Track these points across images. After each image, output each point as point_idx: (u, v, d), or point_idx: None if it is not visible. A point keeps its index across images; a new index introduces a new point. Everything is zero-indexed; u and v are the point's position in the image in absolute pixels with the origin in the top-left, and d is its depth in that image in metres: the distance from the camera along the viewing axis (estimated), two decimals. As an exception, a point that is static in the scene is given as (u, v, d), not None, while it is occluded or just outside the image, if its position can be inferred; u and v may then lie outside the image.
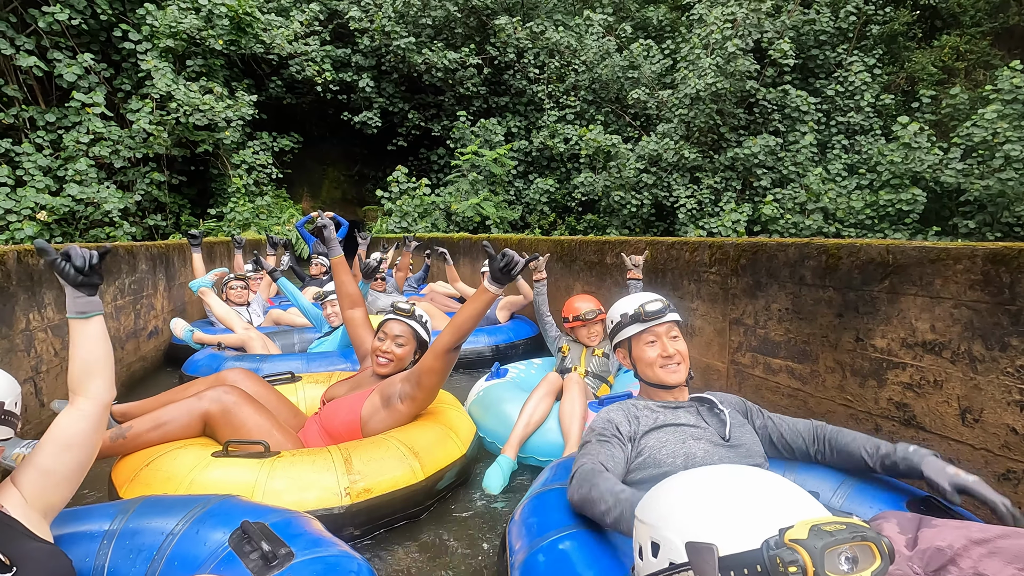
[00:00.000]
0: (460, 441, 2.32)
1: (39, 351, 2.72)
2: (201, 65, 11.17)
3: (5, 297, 2.48)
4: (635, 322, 1.67)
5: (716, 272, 2.72)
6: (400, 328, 2.39)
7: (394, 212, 12.45)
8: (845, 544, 0.53)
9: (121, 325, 3.73)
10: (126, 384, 3.76)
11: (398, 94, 14.74)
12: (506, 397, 2.81)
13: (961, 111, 11.12)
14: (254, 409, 2.15)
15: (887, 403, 1.97)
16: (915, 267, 1.85)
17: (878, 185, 10.48)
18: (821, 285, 2.19)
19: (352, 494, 1.90)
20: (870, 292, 2.00)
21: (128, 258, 3.90)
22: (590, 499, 1.30)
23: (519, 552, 1.40)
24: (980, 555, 1.12)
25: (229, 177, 11.74)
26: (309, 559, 1.27)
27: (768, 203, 10.49)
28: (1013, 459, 1.62)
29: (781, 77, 11.84)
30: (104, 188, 9.74)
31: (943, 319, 1.78)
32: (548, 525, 1.41)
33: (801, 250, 2.26)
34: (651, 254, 3.16)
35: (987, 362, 1.67)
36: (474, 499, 2.30)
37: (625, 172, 11.48)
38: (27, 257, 2.68)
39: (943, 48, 12.36)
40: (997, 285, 1.63)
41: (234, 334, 3.82)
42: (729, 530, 0.59)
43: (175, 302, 4.97)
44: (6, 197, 8.90)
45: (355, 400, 2.30)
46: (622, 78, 12.94)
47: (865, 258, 2.01)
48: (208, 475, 1.86)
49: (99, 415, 1.34)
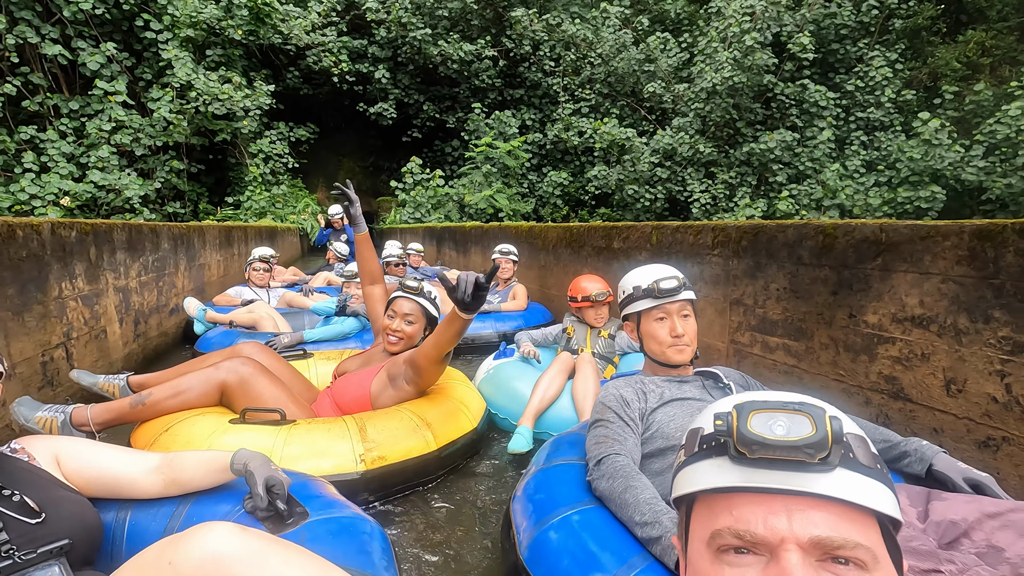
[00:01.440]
0: (471, 415, 2.39)
1: (70, 318, 2.89)
2: (220, 55, 11.41)
3: (40, 265, 2.65)
4: (647, 297, 1.62)
5: (718, 254, 2.81)
6: (409, 306, 2.41)
7: (408, 203, 12.62)
8: (777, 411, 0.54)
9: (144, 300, 3.91)
10: (149, 357, 3.94)
11: (413, 85, 14.90)
12: (516, 375, 2.86)
13: (985, 108, 10.98)
14: (270, 381, 2.20)
15: (877, 377, 2.05)
16: (906, 244, 1.93)
17: (897, 182, 10.40)
18: (817, 264, 2.27)
19: (367, 461, 1.95)
20: (864, 270, 2.08)
21: (152, 236, 4.07)
22: (623, 501, 1.26)
23: (527, 530, 1.38)
24: (993, 528, 1.15)
25: (246, 166, 11.99)
26: (323, 519, 1.30)
27: (783, 199, 10.47)
28: (993, 427, 1.70)
29: (800, 71, 11.78)
30: (125, 175, 10.01)
31: (931, 294, 1.86)
32: (557, 502, 1.40)
33: (799, 231, 2.35)
34: (657, 238, 3.25)
35: (971, 334, 1.75)
36: (484, 471, 2.35)
37: (639, 166, 11.52)
38: (60, 229, 2.85)
39: (968, 43, 12.21)
40: (982, 260, 1.71)
41: (243, 313, 3.94)
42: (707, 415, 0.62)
43: (195, 281, 5.16)
44: (31, 183, 9.19)
45: (365, 376, 2.35)
46: (638, 71, 12.96)
47: (859, 237, 2.10)
48: (225, 440, 1.90)
49: (157, 489, 1.35)
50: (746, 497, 0.54)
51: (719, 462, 0.57)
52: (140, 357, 3.81)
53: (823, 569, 0.51)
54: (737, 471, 0.55)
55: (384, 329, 2.42)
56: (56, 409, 2.00)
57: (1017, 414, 1.64)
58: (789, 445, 0.52)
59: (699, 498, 0.59)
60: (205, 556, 0.91)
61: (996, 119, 9.77)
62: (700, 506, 0.59)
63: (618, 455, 1.37)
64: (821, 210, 10.50)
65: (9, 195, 8.99)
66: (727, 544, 0.54)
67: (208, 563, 0.91)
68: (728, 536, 0.54)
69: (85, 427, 2.00)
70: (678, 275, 1.64)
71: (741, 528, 0.53)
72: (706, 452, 0.58)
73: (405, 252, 5.65)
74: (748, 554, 0.53)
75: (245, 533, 0.97)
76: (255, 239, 8.28)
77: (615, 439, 1.43)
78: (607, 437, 1.44)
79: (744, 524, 0.53)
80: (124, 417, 2.05)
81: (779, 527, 0.51)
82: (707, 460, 0.58)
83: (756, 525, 0.52)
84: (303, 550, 1.03)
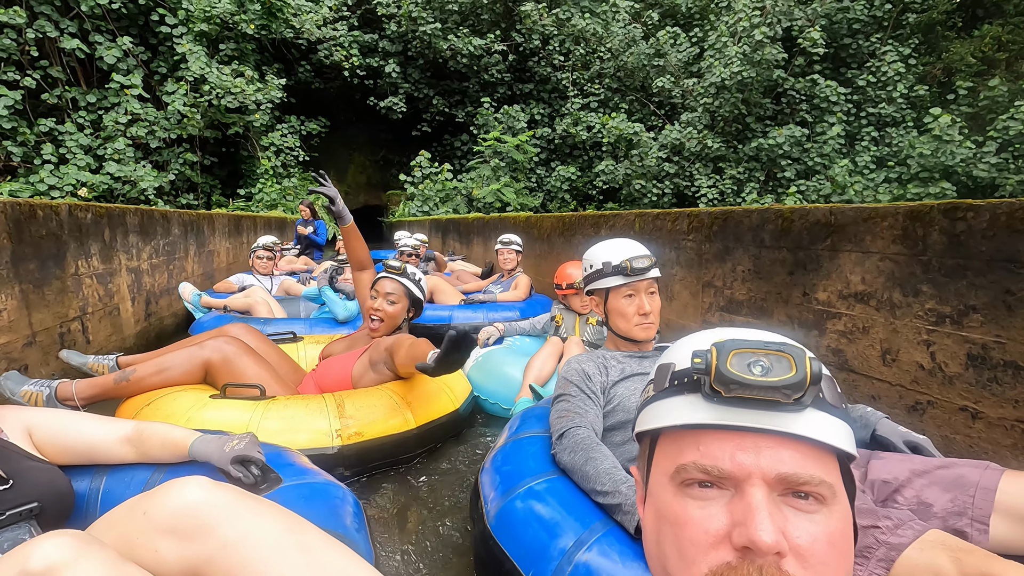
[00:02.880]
0: (454, 397, 2.44)
1: (86, 295, 3.14)
2: (233, 49, 11.73)
3: (59, 244, 2.90)
4: (619, 274, 1.64)
5: (692, 239, 2.98)
6: (392, 286, 2.43)
7: (416, 197, 12.86)
8: (758, 352, 0.54)
9: (155, 282, 4.16)
10: (159, 336, 4.20)
11: (423, 80, 15.13)
12: (507, 361, 2.92)
13: (1000, 103, 10.92)
14: (253, 360, 2.24)
15: (826, 350, 2.22)
16: (852, 226, 2.10)
17: (907, 178, 10.42)
18: (777, 246, 2.44)
19: (343, 436, 2.00)
20: (816, 250, 2.25)
21: (163, 222, 4.33)
22: (584, 472, 1.32)
23: (494, 500, 1.43)
24: (922, 485, 1.24)
25: (258, 159, 12.30)
26: (296, 484, 1.36)
27: (791, 194, 10.53)
28: (920, 392, 1.87)
29: (811, 66, 11.80)
30: (140, 167, 10.35)
31: (871, 271, 2.02)
32: (523, 473, 1.45)
33: (762, 215, 2.51)
34: (639, 224, 3.43)
35: (903, 308, 1.91)
36: (464, 452, 2.40)
37: (647, 161, 11.64)
38: (76, 211, 3.09)
39: (984, 38, 12.14)
40: (913, 239, 1.88)
41: (239, 298, 4.03)
42: (689, 352, 0.61)
43: (204, 267, 5.43)
44: (50, 174, 9.56)
45: (347, 359, 2.40)
46: (648, 66, 13.07)
47: (812, 220, 2.26)
48: (205, 415, 1.95)
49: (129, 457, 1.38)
50: (715, 434, 0.55)
51: (691, 399, 0.56)
52: (151, 335, 4.07)
53: (784, 503, 0.52)
54: (709, 409, 0.55)
55: (367, 309, 2.45)
56: (42, 384, 2.05)
57: (940, 379, 1.81)
58: (768, 386, 0.52)
59: (665, 432, 0.60)
60: (178, 506, 0.95)
61: (1010, 115, 9.74)
62: (665, 440, 0.60)
63: (579, 427, 1.42)
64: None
65: (29, 186, 9.36)
66: (692, 478, 0.55)
67: (181, 512, 0.94)
68: (694, 471, 0.54)
69: (70, 401, 2.05)
70: (649, 253, 1.67)
71: (708, 463, 0.54)
72: (677, 388, 0.58)
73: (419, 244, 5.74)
74: (712, 488, 0.54)
75: (218, 486, 1.00)
76: (264, 228, 8.56)
77: (576, 412, 1.47)
78: (568, 411, 1.48)
79: (712, 460, 0.54)
80: (108, 392, 2.10)
81: (747, 463, 0.52)
82: (678, 396, 0.58)
83: (724, 461, 0.53)
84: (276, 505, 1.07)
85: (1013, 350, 1.61)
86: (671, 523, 0.56)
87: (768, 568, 0.49)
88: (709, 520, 0.53)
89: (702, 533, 0.53)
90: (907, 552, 1.01)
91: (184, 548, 0.93)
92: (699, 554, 0.53)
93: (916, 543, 1.02)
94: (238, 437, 1.35)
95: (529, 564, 1.23)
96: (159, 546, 0.93)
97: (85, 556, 0.78)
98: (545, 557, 1.20)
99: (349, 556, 1.01)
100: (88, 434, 1.36)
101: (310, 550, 0.98)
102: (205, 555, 0.93)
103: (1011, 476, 1.15)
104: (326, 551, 0.99)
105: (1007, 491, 1.13)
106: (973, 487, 1.17)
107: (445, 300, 4.51)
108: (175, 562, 0.93)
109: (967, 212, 1.72)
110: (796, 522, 0.51)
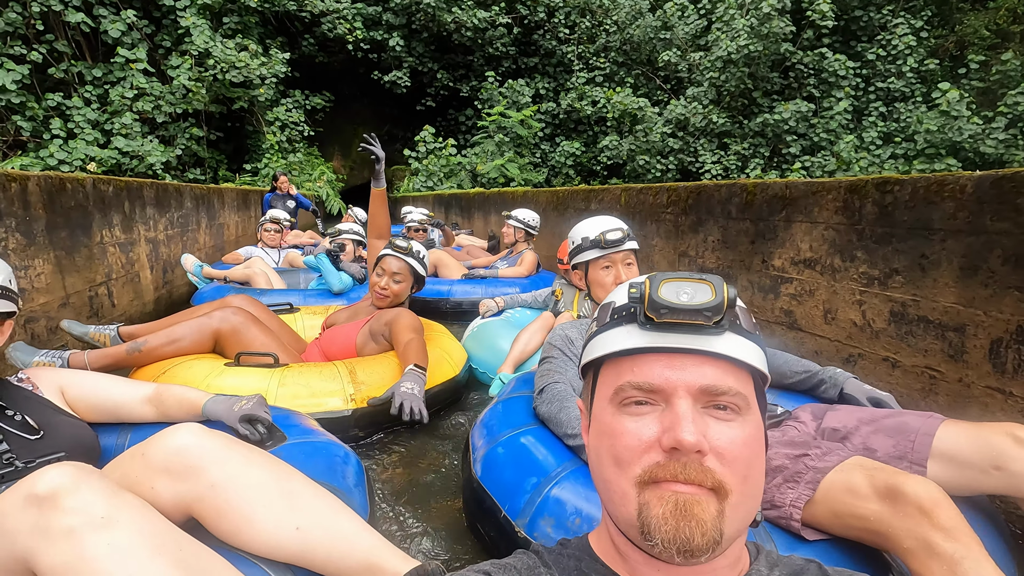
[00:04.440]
0: (453, 363, 2.61)
1: (110, 262, 3.46)
2: (237, 22, 11.89)
3: (85, 214, 3.20)
4: (595, 247, 1.77)
5: (671, 212, 3.24)
6: (398, 265, 2.51)
7: (421, 172, 13.08)
8: (683, 281, 0.64)
9: (171, 252, 4.49)
10: (175, 303, 4.53)
11: (428, 53, 15.21)
12: (500, 333, 3.05)
13: (1012, 78, 10.89)
14: (260, 330, 2.35)
15: (779, 312, 2.50)
16: (803, 199, 2.36)
17: (913, 154, 10.49)
18: (742, 218, 2.70)
19: (356, 400, 2.13)
20: (773, 221, 2.51)
21: (176, 195, 4.63)
22: (558, 419, 1.48)
23: (481, 448, 1.60)
24: (868, 432, 1.36)
25: (263, 134, 12.54)
26: (300, 442, 1.48)
27: (796, 170, 10.66)
28: (853, 346, 2.15)
29: (819, 40, 11.79)
30: (148, 142, 10.63)
31: (817, 240, 2.29)
32: (508, 425, 1.61)
33: (730, 189, 2.77)
34: (625, 199, 3.68)
35: (842, 271, 2.18)
36: (463, 415, 2.58)
37: (651, 136, 11.77)
38: (100, 184, 3.39)
39: (999, 9, 12.05)
40: (852, 210, 2.14)
41: (239, 269, 4.22)
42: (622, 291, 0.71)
43: (215, 239, 5.75)
44: (59, 148, 9.85)
45: (351, 329, 2.52)
46: (654, 39, 13.09)
47: (772, 193, 2.52)
48: (221, 381, 2.04)
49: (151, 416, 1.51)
50: (648, 356, 0.63)
51: (628, 329, 0.65)
52: (167, 302, 4.40)
53: (706, 413, 0.61)
54: (644, 335, 0.63)
55: (372, 285, 2.56)
56: (53, 355, 2.12)
57: (869, 335, 2.09)
58: (692, 308, 0.61)
59: (606, 362, 0.68)
60: (171, 448, 1.08)
61: (1020, 90, 9.76)
62: (607, 369, 0.68)
63: (557, 383, 1.58)
64: (833, 182, 10.65)
65: (39, 160, 9.67)
66: (629, 397, 0.63)
67: (173, 454, 1.07)
68: (630, 389, 0.63)
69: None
70: (623, 227, 1.80)
71: (641, 380, 0.62)
72: (616, 321, 0.67)
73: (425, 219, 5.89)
74: (646, 404, 0.62)
75: (210, 433, 1.12)
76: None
77: (557, 371, 1.63)
78: (550, 370, 1.64)
79: (644, 377, 0.62)
80: (121, 362, 2.19)
81: (674, 378, 0.61)
82: (617, 328, 0.67)
83: (655, 377, 0.62)
84: (267, 455, 1.17)
85: (925, 307, 1.89)
86: (609, 436, 0.64)
87: (691, 464, 0.58)
88: (642, 429, 0.61)
89: (636, 440, 0.61)
90: (830, 474, 1.13)
91: (177, 486, 1.06)
92: (633, 458, 0.61)
93: (839, 466, 1.14)
94: (246, 398, 1.48)
95: (505, 499, 1.40)
96: (155, 484, 1.06)
97: (85, 482, 0.87)
98: (519, 491, 1.37)
99: (333, 504, 1.13)
100: (115, 394, 1.50)
101: (294, 496, 1.10)
102: (196, 494, 1.06)
103: (949, 424, 1.27)
104: (310, 498, 1.11)
105: (943, 438, 1.25)
106: (914, 433, 1.28)
107: (449, 275, 4.64)
108: (170, 499, 1.06)
109: (894, 186, 1.98)
110: (716, 428, 0.61)
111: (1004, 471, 1.14)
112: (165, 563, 0.84)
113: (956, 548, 0.92)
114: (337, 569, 1.08)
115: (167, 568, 0.84)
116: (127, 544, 0.83)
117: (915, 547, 0.96)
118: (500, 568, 0.69)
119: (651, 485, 0.59)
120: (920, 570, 0.95)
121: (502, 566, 0.70)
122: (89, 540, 0.82)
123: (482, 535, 1.50)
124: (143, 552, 0.84)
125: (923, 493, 0.97)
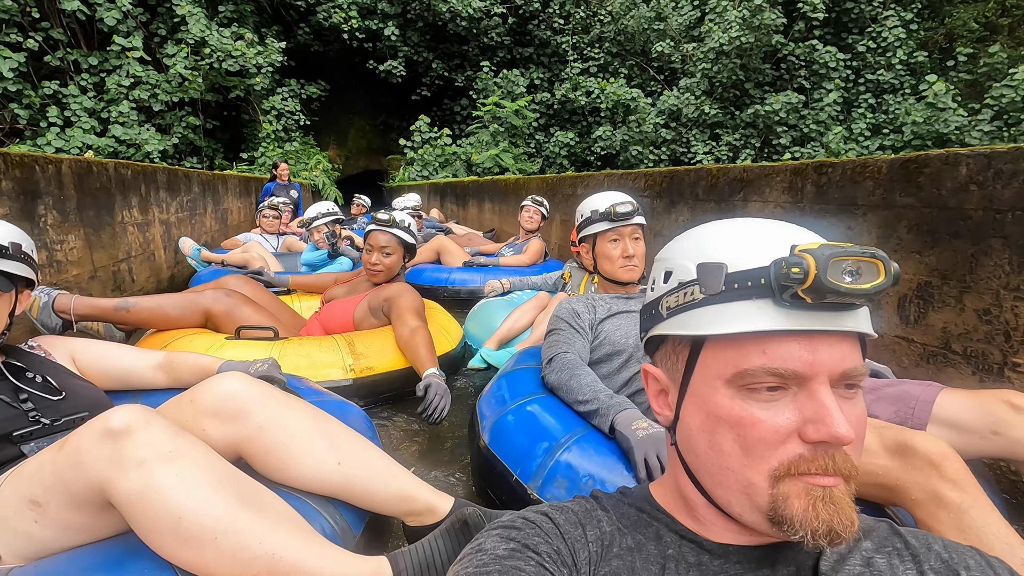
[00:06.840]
0: (451, 338, 2.72)
1: (130, 240, 3.79)
2: (232, 11, 12.15)
3: (108, 195, 3.54)
4: (604, 220, 1.80)
5: (647, 195, 3.60)
6: (385, 239, 2.55)
7: (416, 161, 13.40)
8: (852, 258, 0.54)
9: (182, 233, 4.82)
10: (186, 282, 4.86)
11: (423, 43, 15.48)
12: (498, 312, 3.11)
13: (999, 71, 11.24)
14: (254, 309, 2.40)
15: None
16: (757, 181, 2.72)
17: (900, 146, 10.87)
18: (707, 200, 3.06)
19: (356, 370, 2.23)
20: (733, 202, 2.87)
21: (185, 180, 4.96)
22: (568, 387, 1.50)
23: (489, 417, 1.63)
24: (870, 400, 1.37)
25: (259, 123, 12.82)
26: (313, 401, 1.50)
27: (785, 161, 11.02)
28: (795, 308, 2.52)
29: (810, 32, 12.14)
30: (144, 130, 10.89)
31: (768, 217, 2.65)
32: (516, 394, 1.65)
33: (697, 174, 3.13)
34: (607, 184, 4.04)
35: (787, 244, 2.54)
36: (459, 388, 2.68)
37: (644, 127, 12.12)
38: (120, 168, 3.73)
39: (987, 3, 12.42)
40: (796, 190, 2.50)
41: (237, 253, 4.31)
42: (742, 251, 0.59)
43: (220, 223, 6.08)
44: (57, 136, 10.10)
45: (349, 304, 2.59)
46: (648, 30, 13.41)
47: (732, 177, 2.88)
48: (222, 354, 2.04)
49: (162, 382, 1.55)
50: (778, 337, 0.56)
51: (760, 304, 0.56)
52: (179, 280, 4.74)
53: (839, 396, 0.55)
54: (780, 314, 0.55)
55: (364, 263, 2.61)
56: (42, 290, 2.12)
57: (808, 298, 2.45)
58: (861, 293, 0.53)
59: (712, 339, 0.60)
60: (220, 393, 1.17)
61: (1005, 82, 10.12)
62: (716, 345, 0.60)
63: (566, 353, 1.60)
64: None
65: (37, 148, 9.92)
66: (760, 382, 0.56)
67: (222, 398, 1.16)
68: (762, 374, 0.55)
69: (65, 314, 2.12)
70: (632, 201, 1.84)
71: (778, 366, 0.55)
72: (739, 292, 0.57)
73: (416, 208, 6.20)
74: (779, 390, 0.56)
75: (253, 381, 1.22)
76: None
77: (565, 342, 1.65)
78: (558, 341, 1.67)
79: (781, 362, 0.55)
80: (106, 316, 2.20)
81: (814, 362, 0.55)
82: (742, 302, 0.57)
83: (793, 362, 0.55)
84: (304, 401, 1.28)
85: (850, 271, 2.25)
86: (733, 424, 0.57)
87: (839, 456, 0.54)
88: (777, 418, 0.55)
89: (772, 432, 0.55)
90: None
91: (227, 428, 1.15)
92: (768, 450, 0.55)
93: None
94: (261, 360, 1.56)
95: (516, 463, 1.43)
96: (206, 426, 1.14)
97: (154, 420, 0.96)
98: (531, 456, 1.40)
99: (366, 444, 1.25)
100: (126, 361, 1.54)
101: (333, 436, 1.22)
102: (245, 434, 1.15)
103: (948, 392, 1.32)
104: (348, 437, 1.24)
105: (942, 405, 1.29)
106: (914, 400, 1.32)
107: (451, 262, 4.70)
108: (220, 439, 1.14)
109: (828, 168, 2.35)
110: (848, 409, 0.55)
111: (1002, 436, 1.21)
112: (227, 494, 0.94)
113: (963, 498, 0.96)
114: (374, 500, 1.21)
115: (228, 498, 0.93)
116: (193, 476, 0.92)
117: (923, 498, 0.99)
118: (558, 510, 0.68)
119: (790, 478, 0.55)
120: (928, 520, 0.99)
121: (560, 508, 0.68)
122: (159, 471, 0.90)
123: (492, 499, 1.55)
124: (207, 484, 0.93)
125: (932, 447, 1.01)
